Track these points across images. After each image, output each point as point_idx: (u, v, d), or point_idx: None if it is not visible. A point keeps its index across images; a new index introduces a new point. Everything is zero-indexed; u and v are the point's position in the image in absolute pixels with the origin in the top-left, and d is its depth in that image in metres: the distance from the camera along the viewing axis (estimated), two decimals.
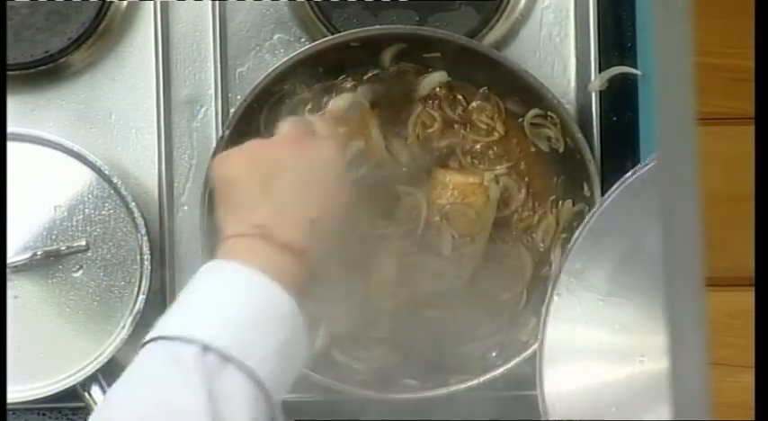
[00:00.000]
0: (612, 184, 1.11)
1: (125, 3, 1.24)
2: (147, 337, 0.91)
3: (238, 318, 0.90)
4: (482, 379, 1.16)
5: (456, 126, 1.20)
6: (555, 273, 1.11)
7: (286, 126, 1.05)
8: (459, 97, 1.21)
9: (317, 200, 0.98)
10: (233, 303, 0.92)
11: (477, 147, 1.21)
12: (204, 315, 0.91)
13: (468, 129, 1.20)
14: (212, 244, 1.15)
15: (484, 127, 1.20)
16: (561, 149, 1.19)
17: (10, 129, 1.20)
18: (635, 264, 1.06)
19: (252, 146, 1.02)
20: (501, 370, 1.16)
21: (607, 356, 1.06)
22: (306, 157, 0.99)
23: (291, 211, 0.96)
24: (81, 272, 1.21)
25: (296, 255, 0.94)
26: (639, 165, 1.08)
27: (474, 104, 1.21)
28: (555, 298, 1.09)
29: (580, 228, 1.10)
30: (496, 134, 1.20)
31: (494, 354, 1.19)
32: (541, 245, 1.20)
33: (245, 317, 0.91)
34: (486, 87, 1.20)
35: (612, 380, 1.05)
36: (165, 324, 0.92)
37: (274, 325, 0.91)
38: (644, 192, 1.06)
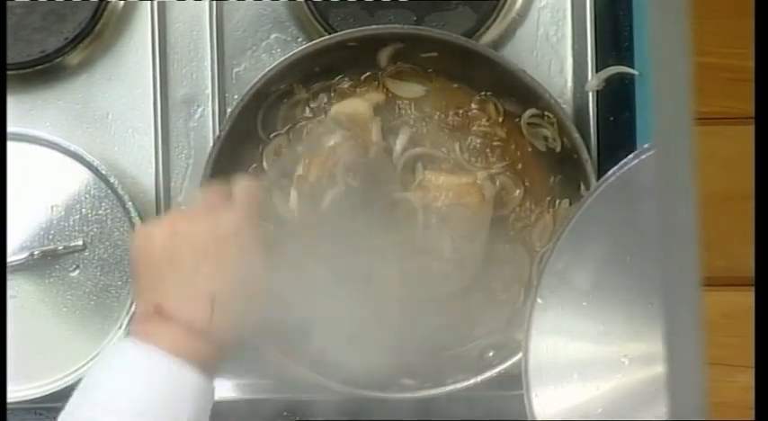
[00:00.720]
0: None
1: (122, 2, 1.24)
2: None
3: (143, 403, 0.92)
4: (479, 378, 1.16)
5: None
6: (537, 277, 1.10)
7: (202, 195, 1.06)
8: (458, 99, 1.21)
9: (217, 275, 0.98)
10: (137, 386, 0.93)
11: (477, 144, 1.21)
12: (109, 403, 0.93)
13: (466, 131, 1.21)
14: None
15: (483, 130, 1.21)
16: (558, 149, 1.19)
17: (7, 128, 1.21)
18: (617, 264, 1.06)
19: (167, 220, 1.03)
20: (498, 369, 1.16)
21: (592, 358, 1.06)
22: (209, 231, 0.99)
23: (192, 288, 0.97)
24: (78, 271, 1.21)
25: (199, 332, 0.95)
26: (618, 166, 1.08)
27: (473, 107, 1.21)
28: (538, 300, 1.09)
29: (561, 228, 1.10)
30: (496, 138, 1.21)
31: (491, 354, 1.19)
32: (538, 244, 1.20)
33: (149, 399, 0.93)
34: (483, 88, 1.20)
35: (597, 382, 1.05)
36: (74, 409, 0.94)
37: (180, 404, 0.93)
38: (624, 193, 1.06)
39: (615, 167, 1.07)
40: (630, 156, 1.07)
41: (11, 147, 1.20)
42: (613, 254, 1.06)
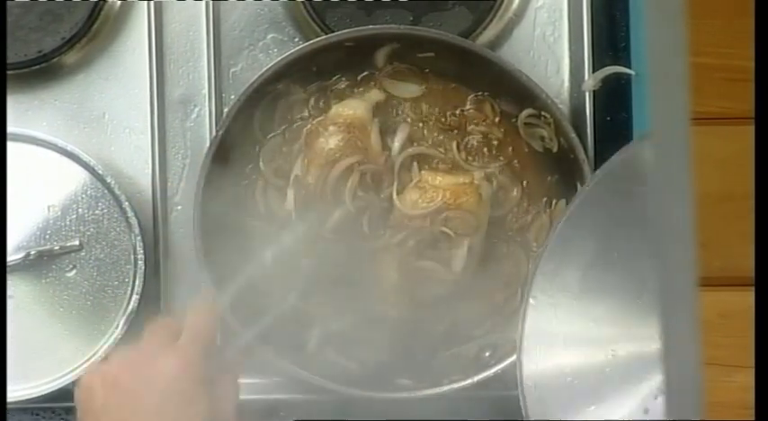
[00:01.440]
0: None
1: (118, 2, 1.24)
2: None
3: None
4: (476, 378, 1.16)
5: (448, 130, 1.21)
6: (528, 277, 1.11)
7: (148, 330, 1.02)
8: (455, 99, 1.21)
9: None
10: None
11: (474, 144, 1.21)
12: None
13: (463, 131, 1.21)
14: (206, 244, 1.16)
15: (480, 130, 1.21)
16: (555, 149, 1.19)
17: None
18: (606, 262, 1.06)
19: (108, 370, 1.01)
20: (494, 369, 1.16)
21: (582, 355, 1.06)
22: (150, 383, 0.97)
23: None
24: (74, 271, 1.21)
25: None
26: (604, 164, 1.08)
27: (469, 107, 1.21)
28: (531, 301, 1.09)
29: (552, 228, 1.10)
30: (493, 137, 1.21)
31: (488, 354, 1.19)
32: (535, 244, 1.20)
33: None
34: (480, 88, 1.20)
35: (587, 378, 1.06)
36: None
37: None
38: (610, 191, 1.07)
39: (600, 169, 1.08)
40: (614, 155, 1.08)
41: (8, 147, 1.20)
42: (602, 251, 1.07)
